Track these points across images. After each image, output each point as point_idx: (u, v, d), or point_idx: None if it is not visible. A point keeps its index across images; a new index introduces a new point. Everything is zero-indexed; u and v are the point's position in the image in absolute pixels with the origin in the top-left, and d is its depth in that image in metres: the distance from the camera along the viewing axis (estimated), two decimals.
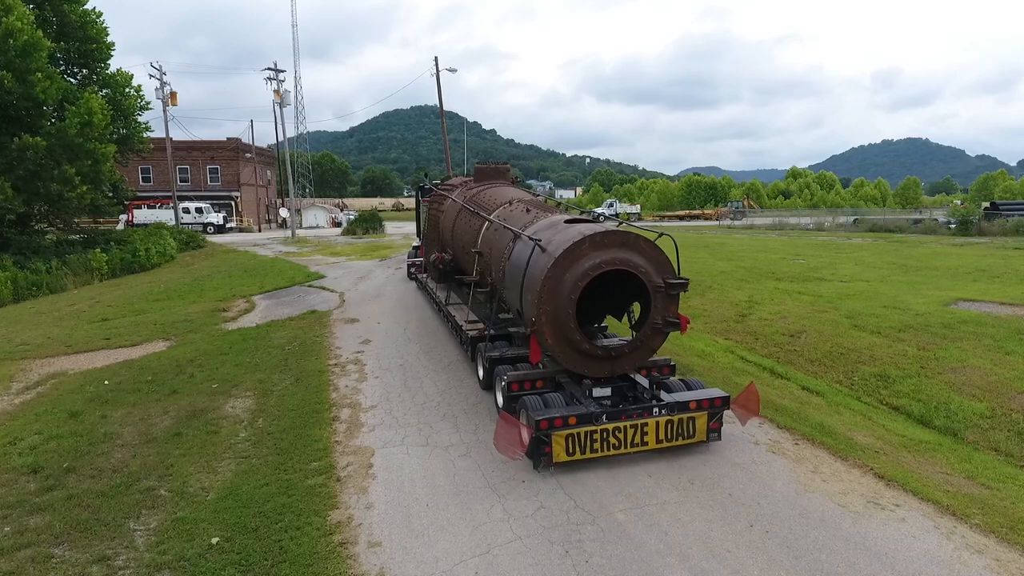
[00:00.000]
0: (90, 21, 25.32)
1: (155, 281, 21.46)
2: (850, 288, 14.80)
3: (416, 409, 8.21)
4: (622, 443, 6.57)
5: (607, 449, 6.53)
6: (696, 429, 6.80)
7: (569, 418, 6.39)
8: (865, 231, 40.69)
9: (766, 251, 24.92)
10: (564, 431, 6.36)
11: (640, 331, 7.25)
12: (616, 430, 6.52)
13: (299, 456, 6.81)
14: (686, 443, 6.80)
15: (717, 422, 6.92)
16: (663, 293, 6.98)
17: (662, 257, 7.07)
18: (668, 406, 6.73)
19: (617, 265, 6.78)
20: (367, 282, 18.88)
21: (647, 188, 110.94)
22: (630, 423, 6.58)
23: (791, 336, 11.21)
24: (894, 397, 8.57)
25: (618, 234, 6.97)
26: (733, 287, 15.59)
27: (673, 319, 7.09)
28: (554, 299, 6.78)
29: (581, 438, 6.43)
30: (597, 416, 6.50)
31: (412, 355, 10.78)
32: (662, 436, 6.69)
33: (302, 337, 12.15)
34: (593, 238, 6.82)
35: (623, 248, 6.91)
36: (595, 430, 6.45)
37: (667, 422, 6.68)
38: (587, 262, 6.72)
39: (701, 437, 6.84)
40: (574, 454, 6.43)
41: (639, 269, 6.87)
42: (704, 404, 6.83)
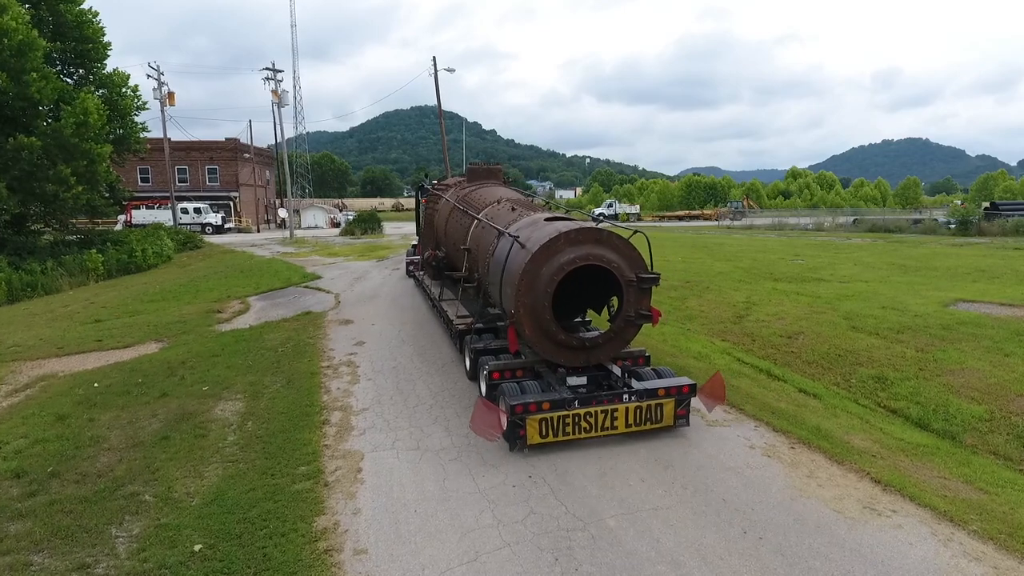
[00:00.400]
0: (86, 21, 25.23)
1: (151, 282, 21.36)
2: (849, 289, 14.69)
3: (408, 412, 8.11)
4: (593, 427, 6.99)
5: (578, 432, 6.96)
6: (664, 415, 7.20)
7: (543, 403, 6.81)
8: (864, 231, 40.60)
9: (765, 251, 24.82)
10: (538, 415, 6.77)
11: (614, 323, 7.62)
12: (587, 415, 6.94)
13: (287, 460, 6.70)
14: (654, 427, 7.20)
15: (684, 408, 7.31)
16: (635, 287, 7.38)
17: (634, 253, 7.46)
18: (637, 393, 7.12)
19: (590, 260, 7.17)
20: (363, 283, 18.78)
21: (647, 188, 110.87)
22: (600, 408, 6.98)
23: (788, 337, 11.11)
24: (892, 399, 8.47)
25: (592, 231, 7.35)
26: (731, 288, 15.49)
27: (645, 312, 7.50)
28: (531, 292, 7.18)
29: (554, 422, 6.87)
30: (569, 402, 6.91)
31: (405, 357, 10.68)
32: (631, 421, 7.10)
33: (295, 339, 12.05)
34: (568, 235, 7.21)
35: (597, 244, 7.31)
36: (567, 415, 6.87)
37: (636, 408, 7.07)
38: (562, 257, 7.13)
39: (668, 422, 7.22)
40: (547, 437, 6.87)
41: (612, 264, 7.27)
42: (672, 391, 7.21)
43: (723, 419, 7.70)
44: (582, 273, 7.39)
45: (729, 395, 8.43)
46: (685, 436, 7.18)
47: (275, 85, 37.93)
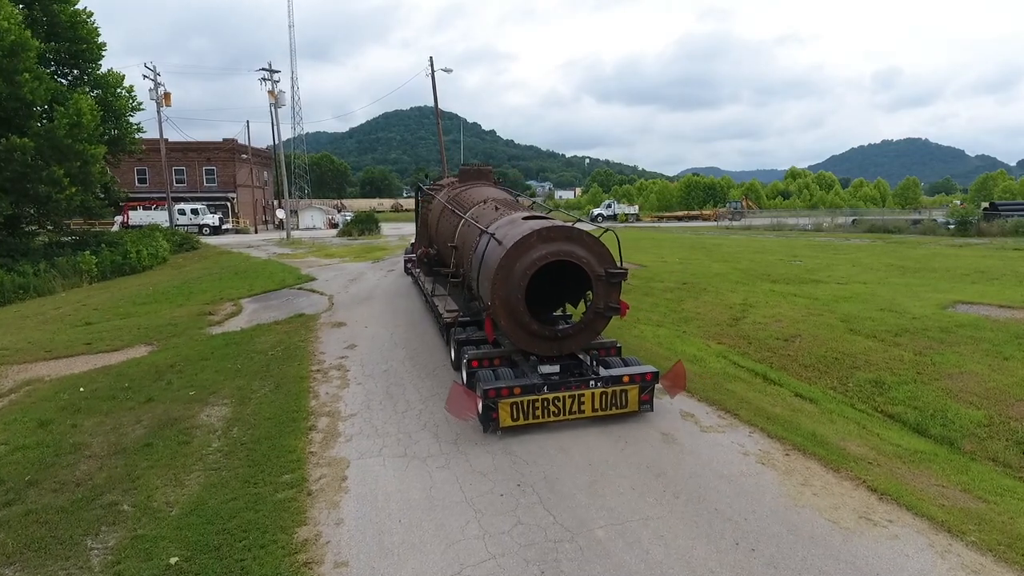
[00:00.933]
0: (80, 21, 25.08)
1: (145, 283, 21.22)
2: (846, 290, 14.56)
3: (397, 418, 7.97)
4: (561, 411, 7.46)
5: (548, 416, 7.41)
6: (628, 400, 7.66)
7: (514, 388, 7.28)
8: (864, 232, 40.48)
9: (763, 252, 24.69)
10: (509, 399, 7.24)
11: (584, 315, 8.11)
12: (556, 399, 7.39)
13: (271, 468, 6.56)
14: (620, 412, 7.66)
15: (648, 394, 7.76)
16: (604, 281, 7.83)
17: (603, 250, 7.88)
18: (603, 379, 7.58)
19: (561, 256, 7.60)
20: (358, 284, 18.64)
21: (646, 189, 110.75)
22: (568, 394, 7.43)
23: (785, 340, 10.97)
24: (889, 404, 8.33)
25: (563, 229, 7.79)
26: (728, 289, 15.36)
27: (614, 305, 7.92)
28: (506, 285, 7.62)
29: (524, 406, 7.32)
30: (539, 387, 7.38)
31: (397, 360, 10.54)
32: (597, 406, 7.57)
33: (287, 342, 11.91)
34: (540, 232, 7.64)
35: (567, 241, 7.72)
36: (537, 399, 7.33)
37: (602, 393, 7.54)
38: (535, 253, 7.56)
39: (633, 407, 7.69)
40: (518, 419, 7.33)
41: (581, 260, 7.69)
42: (636, 378, 7.65)
43: (717, 425, 7.56)
44: (558, 269, 7.85)
45: (724, 400, 8.33)
46: (678, 442, 7.04)
47: (272, 86, 37.79)
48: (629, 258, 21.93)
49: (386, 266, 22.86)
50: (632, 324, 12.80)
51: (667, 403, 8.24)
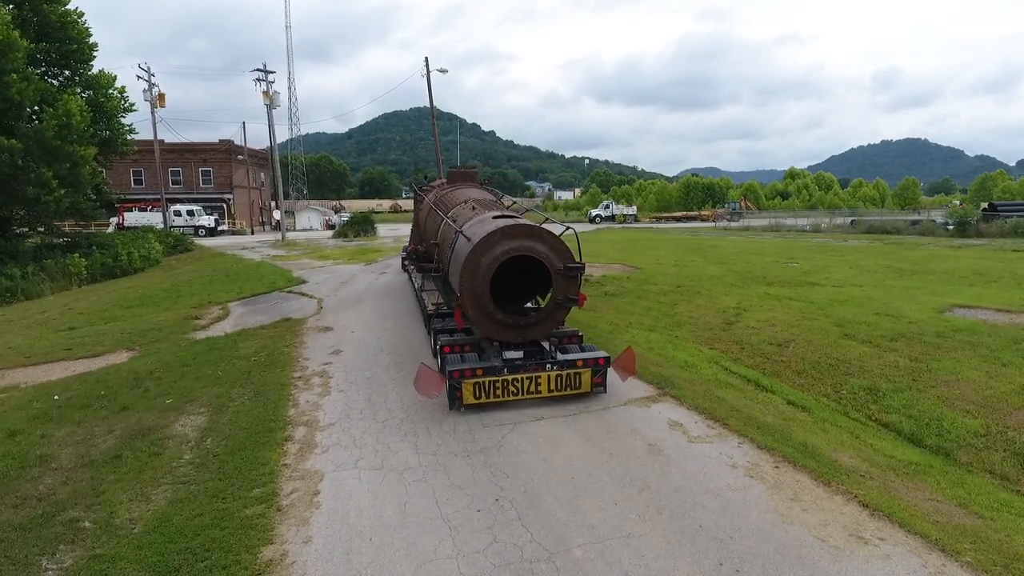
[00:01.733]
0: (71, 21, 24.86)
1: (134, 286, 20.99)
2: (842, 294, 14.33)
3: (377, 427, 7.74)
4: (520, 391, 8.22)
5: (507, 395, 8.18)
6: (582, 382, 8.40)
7: (477, 370, 8.06)
8: (862, 232, 40.26)
9: (759, 254, 24.46)
10: (472, 380, 8.03)
11: (545, 306, 8.72)
12: (515, 380, 8.16)
13: (242, 482, 6.33)
14: (574, 393, 8.39)
15: (600, 377, 8.48)
16: (563, 275, 8.42)
17: (563, 246, 8.52)
18: (559, 363, 8.31)
19: (522, 251, 8.25)
20: (348, 288, 18.41)
21: (645, 189, 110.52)
22: (526, 375, 8.19)
23: (778, 346, 10.75)
24: (884, 413, 8.10)
25: (525, 227, 8.47)
26: (722, 292, 15.13)
27: (572, 296, 8.53)
28: (473, 278, 8.25)
29: (486, 386, 8.09)
30: (499, 369, 8.12)
31: (382, 366, 10.31)
32: (553, 387, 8.32)
33: (271, 347, 11.68)
34: (504, 230, 8.31)
35: (529, 238, 8.38)
36: (497, 380, 8.09)
37: (557, 376, 8.29)
38: (498, 249, 8.22)
39: (586, 389, 8.42)
40: (480, 398, 8.11)
41: (541, 255, 8.33)
42: (589, 363, 8.39)
43: (706, 435, 7.33)
44: (526, 264, 8.58)
45: (714, 408, 8.10)
46: (664, 454, 6.81)
47: (267, 86, 37.57)
48: (624, 260, 21.79)
49: (378, 268, 22.63)
50: (624, 328, 12.58)
51: (656, 412, 8.03)
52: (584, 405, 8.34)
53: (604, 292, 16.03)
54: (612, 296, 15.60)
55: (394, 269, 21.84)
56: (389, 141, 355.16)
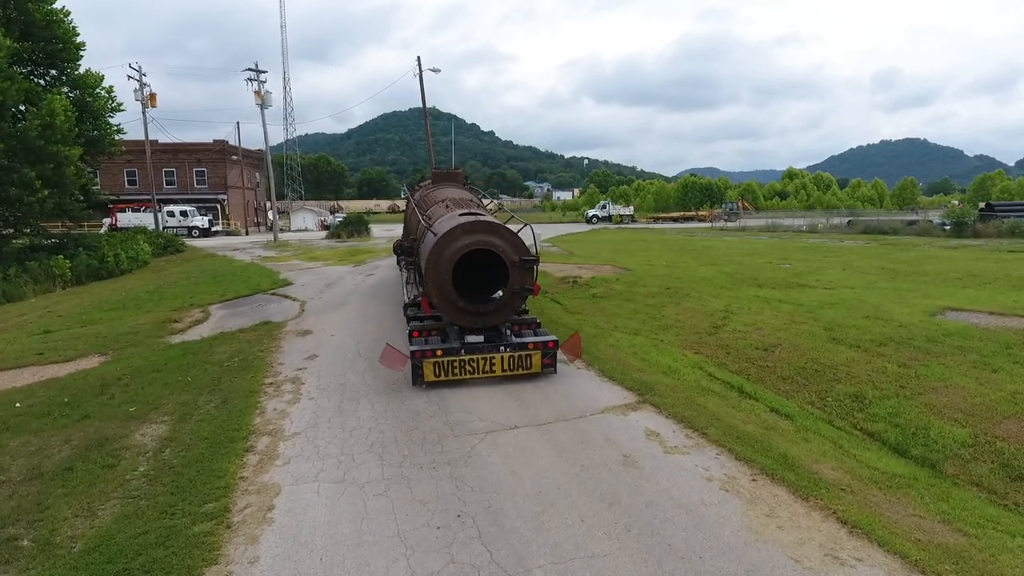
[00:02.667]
0: (56, 20, 24.54)
1: (119, 288, 20.70)
2: (833, 296, 14.06)
3: (343, 437, 7.46)
4: (476, 370, 9.14)
5: (464, 374, 9.09)
6: (532, 363, 9.31)
7: (436, 351, 9.01)
8: (858, 233, 40.01)
9: (753, 255, 24.20)
10: (432, 359, 8.99)
11: (502, 295, 9.49)
12: (471, 360, 9.10)
13: (195, 496, 6.05)
14: (526, 373, 9.29)
15: (550, 359, 9.42)
16: (519, 267, 9.27)
17: (519, 241, 9.39)
18: (512, 345, 9.24)
19: (480, 245, 9.12)
20: (333, 289, 18.13)
21: (643, 189, 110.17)
22: (481, 356, 9.14)
23: (764, 350, 10.47)
24: (869, 421, 7.82)
25: (485, 224, 9.40)
26: (711, 295, 14.85)
27: (528, 286, 9.45)
28: (437, 269, 9.11)
29: (444, 365, 9.03)
30: (457, 350, 9.06)
31: (357, 372, 10.03)
32: (506, 367, 9.23)
33: (246, 352, 11.40)
34: (464, 226, 9.22)
35: (487, 233, 9.27)
36: (455, 360, 9.05)
37: (510, 357, 9.22)
38: (459, 243, 9.09)
39: (537, 369, 9.32)
40: (440, 376, 9.04)
41: (498, 248, 9.19)
42: (539, 346, 9.32)
43: (683, 445, 7.06)
44: (491, 258, 9.32)
45: (694, 417, 7.84)
46: (638, 466, 6.53)
47: (258, 86, 37.26)
48: (615, 261, 21.53)
49: (367, 270, 22.35)
50: (609, 332, 12.31)
51: (633, 421, 7.76)
52: (560, 412, 8.08)
53: (592, 294, 15.76)
54: (600, 298, 15.32)
55: (383, 269, 21.58)
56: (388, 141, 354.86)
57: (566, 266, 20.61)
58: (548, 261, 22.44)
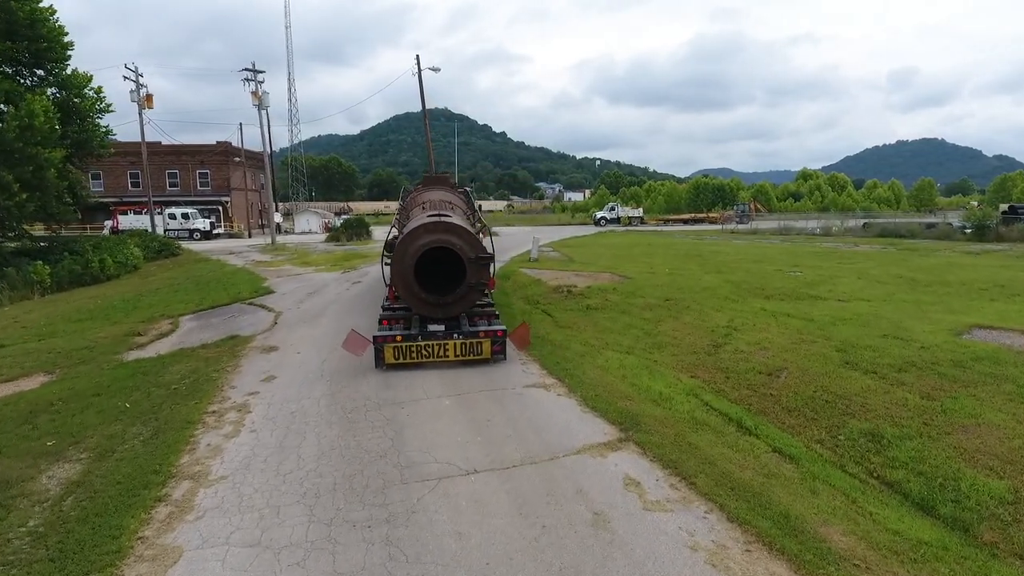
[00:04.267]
0: (40, 19, 23.86)
1: (98, 296, 19.90)
2: (847, 310, 12.88)
3: (276, 483, 6.47)
4: (431, 355, 10.08)
5: (420, 357, 10.05)
6: (483, 350, 10.22)
7: (396, 336, 10.07)
8: (874, 236, 38.54)
9: (762, 261, 22.97)
10: (392, 344, 9.98)
11: (459, 288, 10.43)
12: (427, 346, 10.01)
13: (77, 564, 5.08)
14: (477, 359, 10.21)
15: (499, 347, 10.32)
16: (474, 264, 10.26)
17: (475, 240, 10.50)
18: (464, 333, 10.17)
19: (439, 243, 10.16)
20: (315, 299, 17.19)
21: (654, 190, 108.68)
22: (436, 342, 10.06)
23: (768, 375, 9.35)
24: (888, 467, 6.70)
25: (444, 224, 10.42)
26: (714, 307, 13.73)
27: (484, 281, 10.54)
28: (402, 263, 10.18)
29: (403, 349, 10.00)
30: (415, 336, 10.05)
31: (313, 398, 9.04)
32: (459, 352, 10.15)
33: (200, 372, 10.46)
34: (426, 226, 10.37)
35: (446, 233, 10.30)
36: (412, 345, 10.00)
37: (462, 344, 10.12)
38: (420, 240, 10.19)
39: (487, 355, 10.24)
40: (399, 359, 9.99)
41: (455, 246, 10.20)
42: (489, 334, 10.23)
43: (667, 499, 5.99)
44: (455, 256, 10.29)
45: (683, 460, 6.79)
46: (610, 528, 5.47)
47: (255, 86, 36.51)
48: (615, 268, 20.41)
49: (355, 276, 21.40)
50: (598, 350, 11.24)
51: (611, 465, 6.71)
52: (529, 452, 7.04)
53: (586, 306, 14.68)
54: (594, 311, 14.24)
55: (372, 276, 20.57)
56: (400, 143, 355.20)
57: (563, 274, 19.52)
58: (544, 268, 21.38)
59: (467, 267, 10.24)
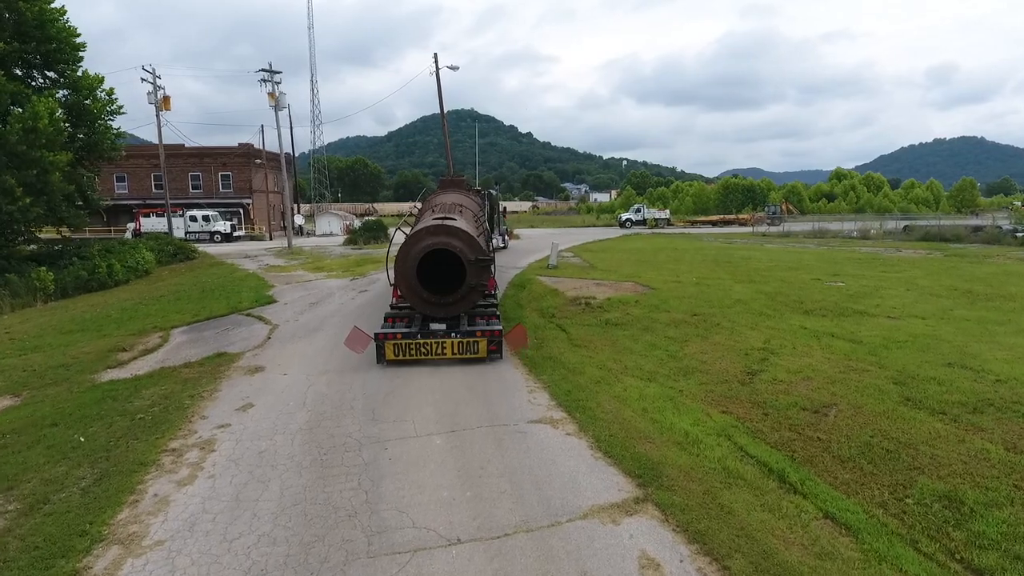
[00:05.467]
0: (50, 19, 23.37)
1: (98, 304, 19.23)
2: (900, 329, 11.43)
3: (218, 552, 5.38)
4: (430, 352, 10.45)
5: (420, 355, 10.44)
6: (480, 349, 10.52)
7: (396, 334, 10.52)
8: (917, 240, 36.46)
9: (798, 268, 21.40)
10: (392, 341, 10.43)
11: (460, 288, 10.81)
12: (425, 344, 10.41)
13: None
14: (473, 357, 10.51)
15: (495, 346, 10.60)
16: (474, 265, 10.67)
17: (475, 243, 10.85)
18: (462, 332, 10.53)
19: (440, 245, 10.61)
20: (316, 310, 16.22)
21: (682, 191, 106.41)
22: (435, 340, 10.44)
23: (815, 412, 8.01)
24: (974, 547, 5.34)
25: (446, 227, 10.83)
26: (747, 324, 12.37)
27: (484, 282, 11.01)
28: (405, 264, 10.69)
29: (403, 346, 10.42)
30: (415, 334, 10.48)
31: (289, 433, 7.98)
32: (456, 351, 10.49)
33: (174, 397, 9.49)
34: (428, 228, 10.89)
35: (447, 236, 10.72)
36: (412, 343, 10.41)
37: (459, 342, 10.46)
38: (423, 243, 10.68)
39: (483, 355, 10.53)
40: (399, 356, 10.43)
41: (456, 248, 10.62)
42: (486, 334, 10.55)
43: None
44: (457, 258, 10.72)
45: (713, 530, 5.55)
46: None
47: (272, 87, 35.93)
48: (639, 277, 19.09)
49: (363, 284, 20.43)
50: (616, 376, 9.98)
51: (625, 536, 5.48)
52: (526, 514, 5.85)
53: (605, 321, 13.42)
54: (613, 327, 12.98)
55: (381, 284, 19.55)
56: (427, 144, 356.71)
57: (582, 283, 18.26)
58: (563, 276, 20.14)
59: (467, 269, 10.72)
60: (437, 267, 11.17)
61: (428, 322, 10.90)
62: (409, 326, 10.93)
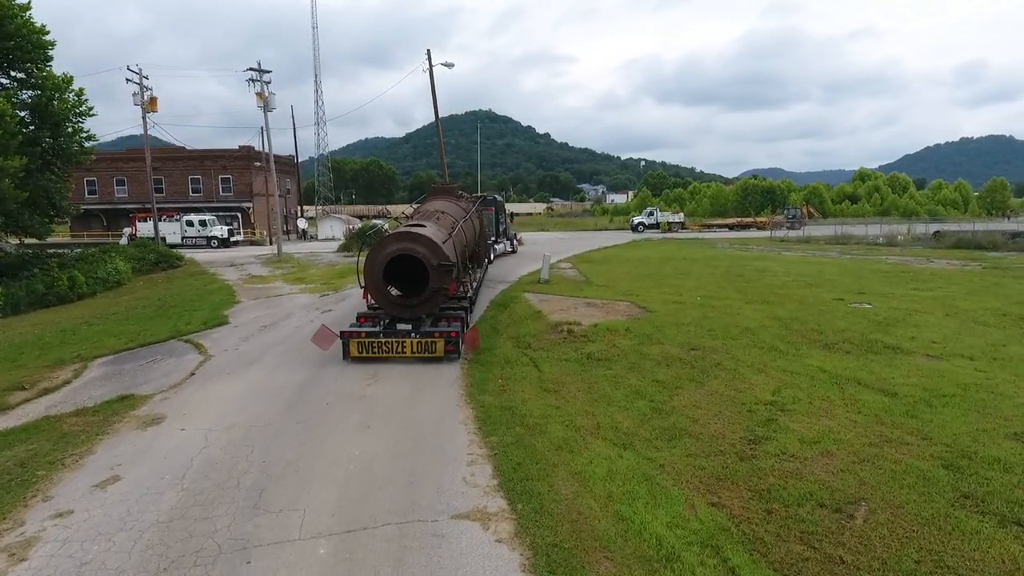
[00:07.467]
0: (10, 15, 21.89)
1: (44, 323, 17.62)
2: (944, 375, 9.26)
3: None
4: (390, 351, 11.37)
5: (381, 353, 11.38)
6: (437, 349, 11.35)
7: (361, 333, 11.58)
8: (949, 247, 33.81)
9: (818, 284, 19.13)
10: (356, 340, 11.45)
11: (424, 292, 11.87)
12: (386, 343, 11.38)
13: None
14: (431, 356, 11.34)
15: (452, 346, 11.45)
16: (436, 270, 11.57)
17: (439, 249, 11.71)
18: (421, 332, 11.46)
19: (404, 251, 11.65)
20: (267, 334, 14.37)
21: (699, 192, 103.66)
22: (396, 339, 11.41)
23: (836, 511, 5.91)
24: None
25: (411, 234, 11.89)
26: (754, 364, 10.27)
27: (446, 286, 11.94)
28: (373, 268, 11.77)
29: (366, 344, 11.42)
30: (377, 333, 11.48)
31: (136, 530, 6.07)
32: (415, 350, 11.38)
33: (32, 463, 7.65)
34: (395, 235, 12.08)
35: (411, 242, 11.74)
36: (375, 341, 11.40)
37: (418, 342, 11.38)
38: (389, 248, 11.75)
39: (440, 354, 11.34)
40: (363, 353, 11.41)
41: (419, 253, 11.60)
42: (443, 335, 11.41)
43: None
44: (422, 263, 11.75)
45: None
46: None
47: (261, 87, 34.32)
48: (636, 295, 16.94)
49: (332, 301, 18.56)
50: (584, 439, 7.94)
51: None
52: None
53: (586, 355, 11.39)
54: (596, 363, 10.95)
55: (353, 299, 17.72)
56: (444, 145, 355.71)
57: (571, 302, 16.19)
58: (553, 292, 18.08)
59: (431, 273, 11.48)
60: (409, 271, 12.10)
61: (395, 323, 11.80)
62: (376, 325, 11.88)
